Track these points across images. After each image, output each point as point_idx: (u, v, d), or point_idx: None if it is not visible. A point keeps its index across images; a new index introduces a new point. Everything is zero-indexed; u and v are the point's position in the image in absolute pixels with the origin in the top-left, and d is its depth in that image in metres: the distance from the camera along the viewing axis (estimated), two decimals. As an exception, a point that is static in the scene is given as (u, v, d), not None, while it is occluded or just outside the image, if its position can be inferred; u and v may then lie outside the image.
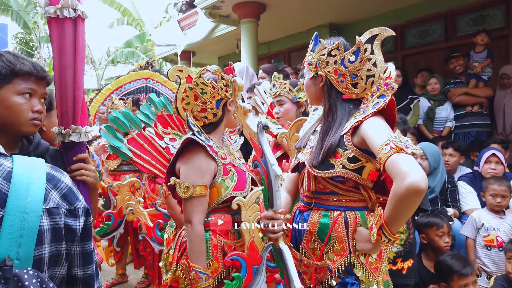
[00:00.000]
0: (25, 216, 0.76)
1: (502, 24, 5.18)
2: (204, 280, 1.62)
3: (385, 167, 1.25)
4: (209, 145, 1.73)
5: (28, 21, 13.85)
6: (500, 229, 2.75)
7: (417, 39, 6.03)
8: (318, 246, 1.51)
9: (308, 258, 1.53)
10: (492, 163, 3.15)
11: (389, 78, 1.45)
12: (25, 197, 0.77)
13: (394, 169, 1.22)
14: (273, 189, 1.39)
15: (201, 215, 1.69)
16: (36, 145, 1.35)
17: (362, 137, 1.39)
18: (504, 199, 2.81)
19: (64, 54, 1.34)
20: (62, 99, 1.37)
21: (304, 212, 1.58)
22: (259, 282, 1.57)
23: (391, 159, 1.23)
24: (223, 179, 1.74)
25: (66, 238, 0.84)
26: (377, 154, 1.29)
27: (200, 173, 1.69)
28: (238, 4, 5.52)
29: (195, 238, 1.66)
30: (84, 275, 0.91)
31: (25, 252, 0.75)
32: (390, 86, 1.43)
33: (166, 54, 8.80)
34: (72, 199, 0.87)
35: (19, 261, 0.74)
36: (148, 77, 5.09)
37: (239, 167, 1.83)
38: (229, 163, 1.78)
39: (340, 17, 6.15)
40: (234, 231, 1.78)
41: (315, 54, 1.58)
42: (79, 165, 1.39)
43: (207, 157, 1.71)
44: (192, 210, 1.68)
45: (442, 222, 2.63)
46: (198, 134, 1.73)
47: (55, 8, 1.32)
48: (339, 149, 1.44)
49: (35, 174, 0.82)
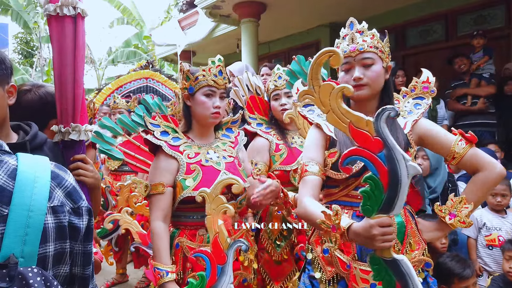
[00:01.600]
0: (30, 214, 0.76)
1: (502, 24, 5.19)
2: (164, 276, 1.56)
3: (463, 160, 1.45)
4: (171, 144, 1.73)
5: (29, 21, 13.85)
6: (502, 229, 2.75)
7: (417, 39, 6.03)
8: (398, 247, 1.45)
9: None
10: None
11: (427, 82, 1.63)
12: (30, 194, 0.77)
13: (479, 160, 1.45)
14: (401, 191, 1.12)
15: (158, 213, 1.67)
16: (33, 136, 1.34)
17: (422, 134, 1.52)
18: (504, 198, 2.81)
19: (64, 52, 1.33)
20: (62, 97, 1.36)
21: None
22: (224, 282, 1.42)
23: (472, 152, 1.45)
24: (184, 178, 1.69)
25: (70, 236, 0.85)
26: (451, 148, 1.46)
27: (159, 171, 1.71)
28: (238, 3, 5.52)
29: (152, 235, 1.67)
30: (83, 275, 0.91)
31: (30, 250, 0.75)
32: (431, 90, 1.62)
33: (166, 54, 8.81)
34: (76, 198, 0.87)
35: (23, 259, 0.74)
36: (149, 76, 5.09)
37: (212, 166, 1.75)
38: (195, 162, 1.73)
39: (340, 17, 6.14)
40: (204, 234, 1.71)
41: (384, 43, 1.51)
42: (77, 165, 1.38)
43: (167, 156, 1.72)
44: (151, 208, 1.71)
45: None
46: (162, 134, 1.75)
47: (55, 6, 1.31)
48: (408, 147, 1.50)
49: (39, 172, 0.82)
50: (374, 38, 1.49)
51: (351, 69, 1.48)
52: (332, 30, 6.52)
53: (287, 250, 2.21)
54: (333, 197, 1.54)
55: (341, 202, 1.50)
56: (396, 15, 5.83)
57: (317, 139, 1.55)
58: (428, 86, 1.63)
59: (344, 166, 1.18)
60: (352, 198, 1.49)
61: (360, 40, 1.47)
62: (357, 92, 1.47)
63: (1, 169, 0.78)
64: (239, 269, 1.78)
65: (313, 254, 1.53)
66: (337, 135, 1.52)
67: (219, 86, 1.75)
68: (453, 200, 1.48)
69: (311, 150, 1.54)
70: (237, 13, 5.76)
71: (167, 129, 1.80)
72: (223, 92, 1.78)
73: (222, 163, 1.79)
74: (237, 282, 1.76)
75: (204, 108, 1.75)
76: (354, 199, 1.49)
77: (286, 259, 2.21)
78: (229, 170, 1.78)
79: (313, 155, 1.52)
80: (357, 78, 1.45)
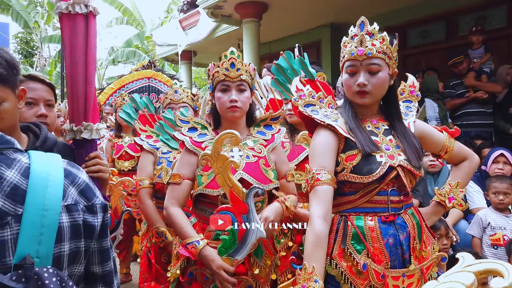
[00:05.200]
0: (45, 213, 0.75)
1: (503, 24, 5.19)
2: (197, 245, 1.61)
3: (453, 152, 1.64)
4: (194, 140, 1.79)
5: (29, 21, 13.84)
6: (506, 228, 2.75)
7: (418, 39, 6.05)
8: (417, 246, 1.48)
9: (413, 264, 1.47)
10: (500, 163, 3.15)
11: (413, 86, 1.71)
12: (44, 194, 0.76)
13: (464, 151, 1.68)
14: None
15: (172, 200, 1.75)
16: (43, 140, 1.33)
17: (421, 134, 1.59)
18: (506, 197, 2.82)
19: (76, 51, 1.34)
20: (73, 96, 1.36)
21: (394, 221, 1.46)
22: (253, 229, 1.50)
23: (457, 145, 1.66)
24: (201, 174, 1.74)
25: (85, 235, 0.84)
26: (444, 144, 1.63)
27: (180, 163, 1.79)
28: (240, 4, 5.52)
29: (170, 218, 1.73)
30: (103, 272, 0.91)
31: (45, 250, 0.75)
32: (416, 94, 1.70)
33: (167, 54, 8.80)
34: (90, 195, 0.86)
35: (39, 259, 0.73)
36: (151, 76, 5.08)
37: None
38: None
39: (341, 17, 6.15)
40: (212, 231, 1.71)
41: (393, 48, 1.47)
42: (96, 161, 1.39)
43: (188, 151, 1.78)
44: (167, 195, 1.78)
45: (439, 224, 2.63)
46: (190, 131, 1.82)
47: (66, 4, 1.31)
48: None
49: (52, 170, 0.81)
50: (384, 43, 1.44)
51: (357, 73, 1.43)
52: (333, 30, 6.53)
53: (285, 247, 2.22)
54: (352, 204, 1.47)
55: (363, 209, 1.46)
56: (397, 16, 5.84)
57: (328, 143, 1.45)
58: (414, 90, 1.70)
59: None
60: (376, 204, 1.45)
61: (369, 44, 1.42)
62: (359, 100, 1.45)
63: (14, 168, 0.77)
64: (245, 274, 1.73)
65: (339, 268, 1.43)
66: (355, 133, 1.45)
67: (233, 79, 1.73)
68: (450, 185, 1.68)
69: (322, 156, 1.44)
70: (239, 13, 5.76)
71: (197, 125, 1.84)
72: (240, 84, 1.75)
73: (242, 162, 1.75)
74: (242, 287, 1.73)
75: (221, 104, 1.75)
76: (377, 205, 1.45)
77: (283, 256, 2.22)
78: (247, 171, 1.74)
79: (324, 162, 1.43)
80: (362, 84, 1.41)
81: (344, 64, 1.48)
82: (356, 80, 1.42)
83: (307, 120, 1.55)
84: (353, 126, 1.46)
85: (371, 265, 1.39)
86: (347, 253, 1.43)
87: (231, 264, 1.57)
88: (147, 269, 2.35)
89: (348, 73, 1.46)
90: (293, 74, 2.11)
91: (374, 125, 1.52)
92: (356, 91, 1.43)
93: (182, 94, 2.48)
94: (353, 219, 1.46)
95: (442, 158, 1.69)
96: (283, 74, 2.14)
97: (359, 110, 1.53)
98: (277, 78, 2.15)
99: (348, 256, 1.43)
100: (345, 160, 1.44)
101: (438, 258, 1.51)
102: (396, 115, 1.55)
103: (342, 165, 1.44)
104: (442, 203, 1.68)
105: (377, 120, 1.54)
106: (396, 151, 1.47)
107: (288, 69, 2.13)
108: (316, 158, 1.45)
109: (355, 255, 1.42)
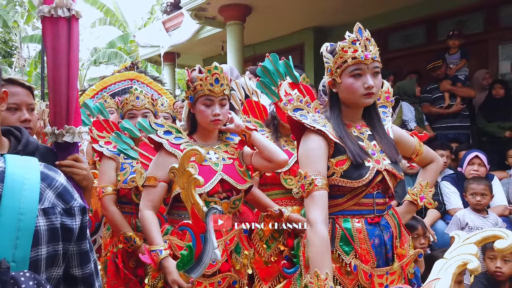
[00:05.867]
0: (21, 217, 0.74)
1: (481, 29, 5.34)
2: (159, 254, 1.64)
3: (422, 155, 1.75)
4: (172, 142, 1.81)
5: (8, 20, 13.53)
6: (483, 228, 2.80)
7: (400, 43, 6.16)
8: (398, 245, 1.56)
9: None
10: (475, 165, 3.25)
11: (388, 92, 1.77)
12: (20, 197, 0.75)
13: (431, 154, 1.81)
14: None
15: (148, 203, 1.78)
16: (25, 143, 1.31)
17: (397, 138, 1.66)
18: (483, 198, 2.92)
19: (58, 54, 1.33)
20: (56, 99, 1.35)
21: (379, 222, 1.54)
22: (209, 249, 1.49)
23: (425, 148, 1.77)
24: None
25: (63, 238, 0.83)
26: (415, 148, 1.73)
27: (155, 166, 1.82)
28: (224, 6, 5.53)
29: (142, 222, 1.78)
30: (83, 275, 0.90)
31: (22, 254, 0.74)
32: (391, 100, 1.78)
33: (150, 55, 8.74)
34: (68, 198, 0.85)
35: (15, 263, 0.72)
36: (133, 78, 5.01)
37: (210, 166, 1.80)
38: (193, 161, 1.74)
39: (325, 21, 6.23)
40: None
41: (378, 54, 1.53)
42: (70, 162, 1.38)
43: (166, 153, 1.80)
44: (142, 197, 1.82)
45: (416, 224, 2.70)
46: (165, 134, 1.83)
47: (49, 8, 1.30)
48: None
49: (29, 173, 0.80)
50: (376, 47, 1.51)
51: (362, 76, 1.47)
52: (316, 34, 6.60)
53: (276, 252, 2.24)
54: (339, 207, 1.53)
55: (351, 212, 1.52)
56: (379, 20, 5.93)
57: (321, 149, 1.48)
58: (389, 96, 1.77)
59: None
60: (362, 206, 1.52)
61: (372, 48, 1.48)
62: (366, 101, 1.50)
63: None
64: (229, 271, 1.81)
65: None
66: (344, 142, 1.49)
67: (216, 94, 1.78)
68: (421, 185, 1.77)
69: (316, 161, 1.47)
70: (223, 16, 5.77)
71: (171, 129, 1.87)
72: (222, 99, 1.81)
73: (220, 164, 1.84)
74: (227, 284, 1.80)
75: (203, 117, 1.81)
76: (364, 207, 1.52)
77: (275, 260, 2.23)
78: (226, 172, 1.82)
79: (319, 167, 1.47)
80: (372, 86, 1.46)
81: (346, 68, 1.48)
82: (363, 83, 1.47)
83: (294, 124, 1.58)
84: (342, 134, 1.50)
85: (360, 266, 1.46)
86: (335, 255, 1.49)
87: (187, 280, 1.58)
88: (115, 275, 2.30)
89: (352, 76, 1.48)
90: (278, 76, 2.13)
91: (358, 131, 1.58)
92: (364, 93, 1.48)
93: (144, 100, 2.40)
94: (341, 222, 1.52)
95: (413, 161, 1.79)
96: (269, 77, 2.16)
97: (345, 116, 1.57)
98: (262, 80, 2.18)
99: (337, 257, 1.49)
100: (335, 165, 1.49)
101: (415, 255, 1.60)
102: (377, 119, 1.61)
103: (332, 170, 1.49)
104: (415, 202, 1.77)
105: (360, 126, 1.59)
106: (381, 156, 1.53)
107: (273, 71, 2.16)
108: (311, 163, 1.48)
109: (344, 256, 1.48)
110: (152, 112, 2.44)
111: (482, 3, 5.19)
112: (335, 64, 1.50)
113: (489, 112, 4.37)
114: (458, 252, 0.90)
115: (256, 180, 2.22)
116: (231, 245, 1.84)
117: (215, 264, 1.74)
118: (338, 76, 1.50)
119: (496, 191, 3.17)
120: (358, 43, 1.47)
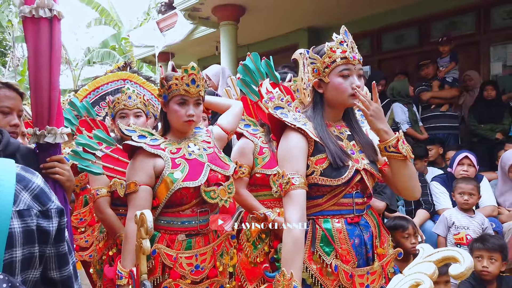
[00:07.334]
0: None
1: (473, 31, 5.37)
2: (118, 278, 1.62)
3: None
4: (150, 144, 1.74)
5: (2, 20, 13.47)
6: (469, 228, 2.87)
7: (393, 44, 6.19)
8: (378, 244, 1.56)
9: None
10: (464, 165, 3.27)
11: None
12: None
13: None
14: None
15: (134, 211, 1.64)
16: (5, 145, 1.32)
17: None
18: (471, 197, 2.94)
19: (40, 55, 1.33)
20: (37, 100, 1.35)
21: (359, 222, 1.54)
22: None
23: None
24: (171, 172, 1.71)
25: (39, 240, 0.82)
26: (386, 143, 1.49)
27: (132, 171, 1.73)
28: (217, 6, 5.52)
29: (124, 235, 1.71)
30: (61, 277, 0.90)
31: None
32: None
33: (144, 55, 8.73)
34: (45, 200, 0.84)
35: None
36: (126, 78, 4.99)
37: (196, 159, 1.79)
38: (180, 157, 1.76)
39: (318, 21, 6.24)
40: (183, 240, 1.74)
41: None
42: (52, 164, 1.38)
43: (145, 155, 1.73)
44: (128, 207, 1.72)
45: (407, 224, 2.73)
46: (140, 138, 1.76)
47: (30, 8, 1.30)
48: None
49: (3, 175, 0.80)
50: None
51: (349, 77, 1.49)
52: (310, 34, 6.61)
53: (263, 253, 2.24)
54: (319, 207, 1.52)
55: (330, 212, 1.52)
56: (373, 21, 5.96)
57: (300, 147, 1.48)
58: None
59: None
60: (341, 206, 1.52)
61: (357, 50, 1.51)
62: (352, 101, 1.50)
63: None
64: (216, 276, 1.81)
65: (309, 271, 1.47)
66: (326, 143, 1.49)
67: (192, 95, 1.75)
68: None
69: (295, 160, 1.47)
70: (216, 16, 5.76)
71: (144, 133, 1.80)
72: (197, 99, 1.78)
73: (204, 155, 1.82)
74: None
75: (177, 117, 1.77)
76: (343, 207, 1.52)
77: (261, 261, 2.24)
78: (211, 162, 1.82)
79: (298, 165, 1.46)
80: (359, 86, 1.48)
81: (335, 68, 1.49)
82: (351, 83, 1.48)
83: (274, 123, 1.58)
84: (324, 135, 1.50)
85: (340, 266, 1.45)
86: (316, 256, 1.48)
87: None
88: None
89: (341, 76, 1.49)
90: (259, 75, 2.13)
91: (338, 130, 1.58)
92: (351, 93, 1.48)
93: (136, 100, 2.35)
94: (321, 222, 1.51)
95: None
96: (249, 76, 2.15)
97: (327, 116, 1.58)
98: (243, 79, 2.17)
99: (318, 258, 1.48)
100: (314, 163, 1.48)
101: (395, 254, 1.60)
102: (354, 119, 1.62)
103: (311, 168, 1.48)
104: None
105: (340, 126, 1.60)
106: (360, 156, 1.54)
107: (254, 70, 2.15)
108: (290, 161, 1.47)
109: (325, 257, 1.47)
110: (144, 112, 2.39)
111: (474, 4, 5.23)
112: (323, 64, 1.50)
113: (480, 114, 4.40)
114: (415, 270, 0.90)
115: (245, 181, 2.22)
116: (218, 250, 1.83)
117: (203, 271, 1.74)
118: (326, 75, 1.50)
119: (485, 192, 3.20)
120: (345, 44, 1.49)
